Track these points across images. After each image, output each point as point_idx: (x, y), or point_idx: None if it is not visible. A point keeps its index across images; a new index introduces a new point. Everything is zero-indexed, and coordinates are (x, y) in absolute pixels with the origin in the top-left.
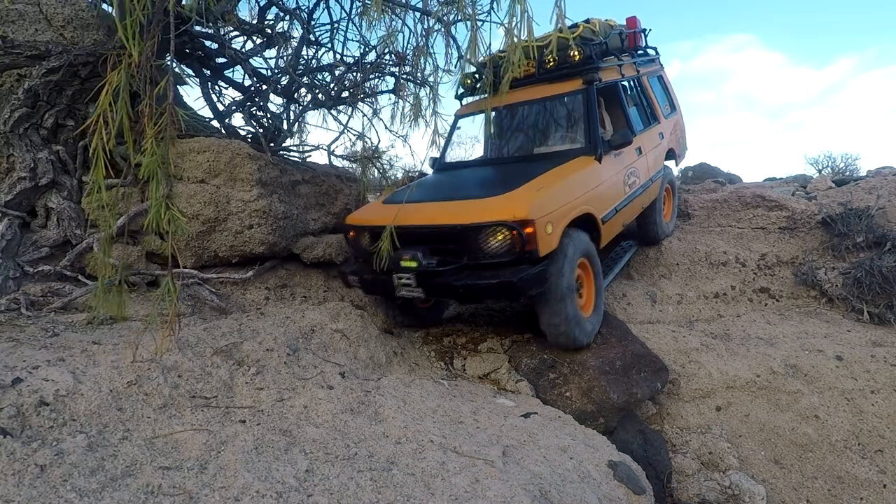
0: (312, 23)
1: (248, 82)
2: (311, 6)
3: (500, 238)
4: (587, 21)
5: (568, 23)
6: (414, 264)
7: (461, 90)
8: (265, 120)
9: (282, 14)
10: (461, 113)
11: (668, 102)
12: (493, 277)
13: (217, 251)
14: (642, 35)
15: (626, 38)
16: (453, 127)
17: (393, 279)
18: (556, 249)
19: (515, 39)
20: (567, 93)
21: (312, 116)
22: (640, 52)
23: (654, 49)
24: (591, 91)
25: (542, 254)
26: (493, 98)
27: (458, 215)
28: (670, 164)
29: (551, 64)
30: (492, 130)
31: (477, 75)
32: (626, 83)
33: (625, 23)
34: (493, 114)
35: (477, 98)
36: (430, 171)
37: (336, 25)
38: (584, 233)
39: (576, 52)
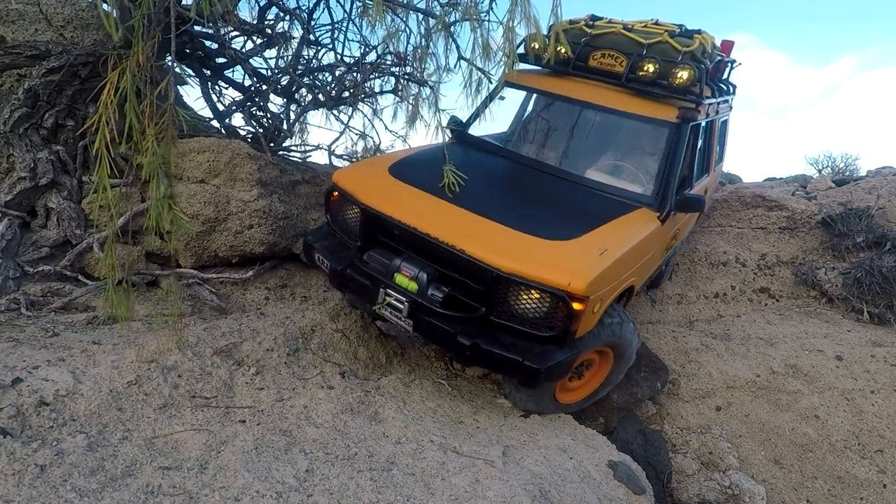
0: (313, 23)
1: (248, 82)
2: (311, 6)
3: (535, 299)
4: (699, 33)
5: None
6: (413, 288)
7: (523, 51)
8: (265, 120)
9: (282, 14)
10: (509, 80)
11: (720, 152)
12: (512, 350)
13: (217, 251)
14: (729, 66)
15: (718, 66)
16: (495, 92)
17: (379, 292)
18: (589, 332)
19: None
20: (651, 118)
21: (313, 116)
22: (722, 85)
23: (734, 87)
24: (683, 131)
25: (578, 336)
26: (547, 79)
27: (495, 250)
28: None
29: (649, 73)
30: (538, 121)
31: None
32: (705, 125)
33: (719, 45)
34: (535, 97)
35: (532, 70)
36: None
37: (337, 26)
38: (629, 320)
39: (685, 73)
